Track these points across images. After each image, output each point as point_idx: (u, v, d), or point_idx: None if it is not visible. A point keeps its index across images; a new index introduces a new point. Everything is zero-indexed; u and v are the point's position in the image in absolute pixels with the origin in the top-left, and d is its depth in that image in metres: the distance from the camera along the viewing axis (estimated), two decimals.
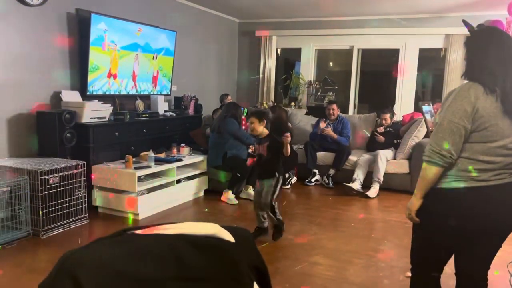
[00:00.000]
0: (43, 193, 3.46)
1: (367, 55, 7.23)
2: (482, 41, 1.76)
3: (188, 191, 4.75)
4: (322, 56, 7.77)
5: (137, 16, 5.10)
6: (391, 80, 7.05)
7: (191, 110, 5.86)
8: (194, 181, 4.83)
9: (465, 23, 1.90)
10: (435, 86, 7.17)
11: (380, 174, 5.13)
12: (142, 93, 5.23)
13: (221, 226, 1.33)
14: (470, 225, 1.74)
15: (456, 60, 6.24)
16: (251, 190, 4.87)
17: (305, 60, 7.44)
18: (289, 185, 5.45)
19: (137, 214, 4.03)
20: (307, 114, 6.70)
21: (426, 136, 5.18)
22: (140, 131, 4.78)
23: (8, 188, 3.37)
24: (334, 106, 5.80)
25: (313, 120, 6.25)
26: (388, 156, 5.29)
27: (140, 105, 5.12)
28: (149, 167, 4.25)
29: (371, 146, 5.66)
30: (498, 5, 5.36)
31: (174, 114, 5.43)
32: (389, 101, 6.86)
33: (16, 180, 3.39)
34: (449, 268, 1.95)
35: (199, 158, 4.97)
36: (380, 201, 4.93)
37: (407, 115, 5.88)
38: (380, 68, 8.03)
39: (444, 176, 1.75)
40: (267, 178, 3.56)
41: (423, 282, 1.97)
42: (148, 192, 4.20)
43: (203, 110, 6.07)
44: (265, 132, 3.59)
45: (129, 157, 4.14)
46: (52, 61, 4.20)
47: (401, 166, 5.25)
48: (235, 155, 4.81)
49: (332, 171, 5.52)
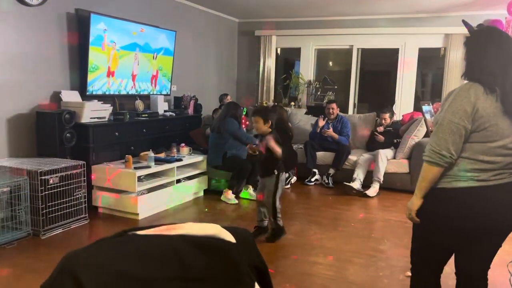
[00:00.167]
0: (43, 193, 3.46)
1: (367, 54, 7.24)
2: (481, 41, 1.76)
3: (188, 191, 4.75)
4: (322, 55, 7.77)
5: (137, 16, 5.10)
6: (390, 80, 7.05)
7: (190, 110, 5.86)
8: (194, 181, 4.83)
9: (465, 23, 1.91)
10: (434, 85, 7.17)
11: (380, 174, 5.13)
12: (141, 93, 5.23)
13: (222, 227, 1.33)
14: (470, 225, 1.74)
15: (455, 59, 6.24)
16: (251, 190, 4.88)
17: (304, 59, 7.44)
18: (289, 185, 5.45)
19: (137, 214, 4.03)
20: (306, 113, 6.70)
21: (426, 135, 5.18)
22: (140, 131, 4.78)
23: (8, 188, 3.37)
24: (334, 105, 5.80)
25: (312, 119, 6.25)
26: (388, 156, 5.29)
27: (139, 105, 5.12)
28: (149, 167, 4.25)
29: (371, 145, 5.67)
30: (497, 4, 5.36)
31: (174, 114, 5.43)
32: (388, 101, 6.86)
33: (16, 180, 3.38)
34: (449, 268, 1.95)
35: (199, 158, 4.97)
36: (380, 201, 4.93)
37: (407, 115, 5.89)
38: (380, 68, 8.03)
39: (444, 176, 1.76)
40: (267, 176, 3.56)
41: (423, 281, 1.97)
42: (148, 192, 4.20)
43: (203, 110, 6.07)
44: (268, 130, 3.54)
45: (129, 157, 4.14)
46: (52, 61, 4.20)
47: (401, 166, 5.25)
48: (235, 155, 4.81)
49: (332, 171, 5.52)
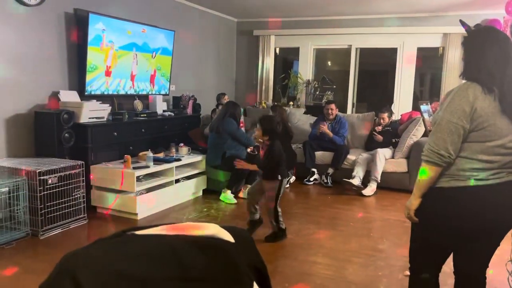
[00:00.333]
0: (42, 193, 3.45)
1: (365, 54, 7.24)
2: (479, 41, 1.77)
3: (186, 190, 4.75)
4: (320, 55, 7.77)
5: (136, 16, 5.09)
6: (389, 79, 7.06)
7: (189, 110, 5.85)
8: (193, 180, 4.83)
9: (462, 23, 1.91)
10: (433, 85, 7.18)
11: (377, 173, 5.14)
12: (140, 92, 5.22)
13: (220, 226, 1.33)
14: (468, 224, 1.75)
15: (454, 59, 6.25)
16: None
17: (303, 59, 7.44)
18: (288, 185, 5.45)
19: (136, 214, 4.03)
20: (305, 113, 6.70)
21: (425, 135, 5.19)
22: (139, 131, 4.78)
23: (7, 189, 3.36)
24: (333, 106, 5.81)
25: (311, 119, 6.25)
26: (386, 155, 5.30)
27: (138, 105, 5.11)
28: (147, 167, 4.24)
29: (370, 145, 5.67)
30: (495, 4, 5.37)
31: (173, 114, 5.43)
32: (387, 100, 6.87)
33: (14, 181, 3.38)
34: (447, 267, 1.96)
35: (197, 158, 4.97)
36: (378, 200, 4.94)
37: (405, 114, 5.89)
38: (378, 67, 8.03)
39: (443, 176, 1.76)
40: (269, 179, 3.55)
41: (421, 281, 1.97)
42: (146, 192, 4.20)
43: (202, 110, 6.07)
44: (266, 141, 3.55)
45: (127, 157, 4.14)
46: (50, 61, 4.19)
47: (400, 165, 5.26)
48: (234, 155, 4.80)
49: (330, 170, 5.52)
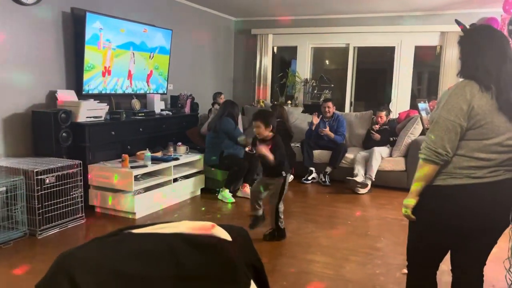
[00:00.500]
0: (39, 193, 3.45)
1: (363, 53, 7.24)
2: (475, 39, 1.77)
3: (185, 190, 4.74)
4: (318, 54, 7.77)
5: (133, 15, 5.08)
6: (387, 78, 7.06)
7: (187, 109, 5.85)
8: (191, 180, 4.83)
9: (458, 22, 1.92)
10: (430, 83, 7.19)
11: (372, 171, 5.14)
12: (138, 92, 5.21)
13: (218, 225, 1.33)
14: (465, 222, 1.75)
15: (451, 57, 6.26)
16: (247, 189, 4.88)
17: (301, 58, 7.44)
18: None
19: (134, 213, 4.03)
20: (303, 112, 6.70)
21: (422, 133, 5.19)
22: (137, 130, 4.77)
23: (4, 188, 3.35)
24: (330, 104, 5.81)
25: (309, 118, 6.24)
26: (383, 154, 5.31)
27: (136, 104, 5.10)
28: (145, 166, 4.24)
29: (367, 143, 5.68)
30: (493, 2, 5.37)
31: (171, 113, 5.42)
32: (385, 99, 6.87)
33: (12, 180, 3.37)
34: (445, 265, 1.96)
35: (195, 157, 4.96)
36: (376, 199, 4.94)
37: (403, 113, 5.90)
38: (376, 66, 8.03)
39: (440, 174, 1.76)
40: (274, 177, 3.50)
41: (419, 278, 1.98)
42: (145, 191, 4.20)
43: (200, 109, 6.06)
44: (270, 135, 3.45)
45: (125, 156, 4.13)
46: (48, 60, 4.18)
47: (397, 164, 5.26)
48: (231, 154, 4.81)
49: (328, 169, 5.53)
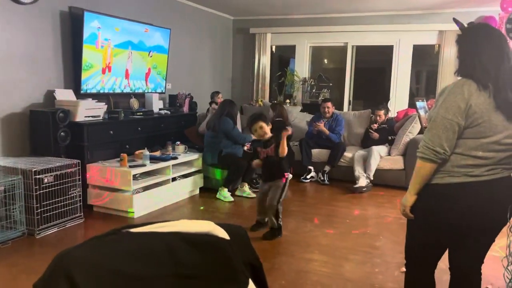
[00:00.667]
0: (38, 192, 3.44)
1: (361, 52, 7.24)
2: (472, 38, 1.77)
3: (183, 189, 4.74)
4: (317, 53, 7.77)
5: (131, 14, 5.07)
6: (385, 77, 7.06)
7: (185, 108, 5.84)
8: (190, 179, 4.82)
9: (456, 21, 1.92)
10: (429, 82, 7.19)
11: (371, 171, 5.15)
12: (136, 91, 5.21)
13: (216, 224, 1.33)
14: (463, 220, 1.75)
15: (449, 56, 6.26)
16: (246, 188, 4.88)
17: (299, 57, 7.44)
18: None
19: (133, 213, 4.03)
20: (302, 111, 6.71)
21: (421, 132, 5.20)
22: (135, 129, 4.76)
23: (2, 188, 3.35)
24: (329, 104, 5.81)
25: (308, 117, 6.25)
26: (382, 153, 5.31)
27: (134, 103, 5.09)
28: (144, 165, 4.24)
29: (366, 142, 5.69)
30: (491, 1, 5.38)
31: (169, 112, 5.41)
32: (383, 98, 6.88)
33: (10, 180, 3.37)
34: (443, 263, 1.96)
35: (194, 156, 4.96)
36: (374, 197, 4.95)
37: (401, 111, 5.91)
38: (375, 65, 8.03)
39: (438, 172, 1.76)
40: (276, 179, 3.54)
41: (417, 277, 1.98)
42: (143, 191, 4.19)
43: (198, 108, 6.06)
44: (269, 133, 3.53)
45: (124, 156, 4.13)
46: (45, 60, 4.17)
47: (396, 162, 5.27)
48: (230, 153, 4.81)
49: (327, 168, 5.53)
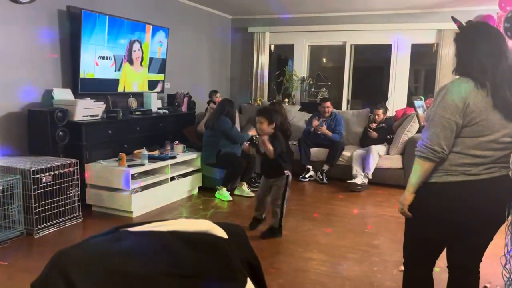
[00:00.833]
0: (36, 192, 3.44)
1: (360, 51, 7.24)
2: (471, 36, 1.77)
3: (182, 188, 4.74)
4: (315, 52, 7.77)
5: (129, 13, 5.06)
6: (383, 76, 7.07)
7: (184, 107, 5.84)
8: (188, 178, 4.82)
9: (454, 19, 1.92)
10: (427, 81, 7.20)
11: (369, 170, 5.16)
12: (134, 90, 5.20)
13: (214, 222, 1.33)
14: (461, 219, 1.76)
15: (448, 55, 6.26)
16: (245, 187, 4.88)
17: (298, 56, 7.43)
18: None
19: (131, 212, 4.02)
20: (300, 110, 6.71)
21: (419, 131, 5.21)
22: (133, 128, 4.76)
23: (0, 187, 3.34)
24: (328, 104, 5.81)
25: (306, 116, 6.26)
26: (381, 152, 5.32)
27: (133, 102, 5.08)
28: (142, 164, 4.23)
29: (364, 141, 5.69)
30: (489, 0, 5.38)
31: (167, 112, 5.41)
32: (382, 97, 6.88)
33: (8, 179, 3.36)
34: (441, 262, 1.97)
35: (192, 156, 4.96)
36: (373, 196, 4.96)
37: (400, 111, 5.91)
38: (373, 64, 8.04)
39: (436, 171, 1.77)
40: (275, 177, 3.53)
41: (416, 275, 1.99)
42: (142, 190, 4.19)
43: (197, 107, 6.05)
44: (272, 132, 3.46)
45: (122, 155, 4.12)
46: (43, 59, 4.17)
47: (394, 161, 5.28)
48: (229, 152, 4.80)
49: (326, 167, 5.54)
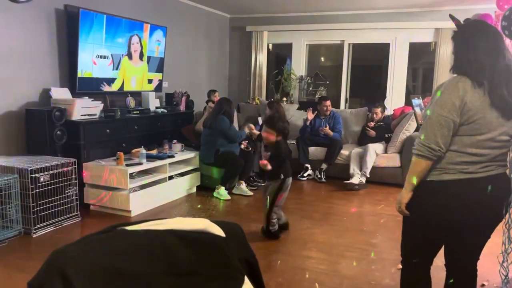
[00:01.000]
0: (34, 191, 3.43)
1: (358, 49, 7.24)
2: (468, 35, 1.77)
3: (180, 187, 4.74)
4: (314, 51, 7.76)
5: (127, 12, 5.05)
6: (382, 75, 7.07)
7: (182, 107, 5.83)
8: (186, 177, 4.82)
9: (452, 18, 1.92)
10: (425, 79, 7.20)
11: (367, 168, 5.16)
12: (132, 89, 5.19)
13: (211, 221, 1.33)
14: (458, 217, 1.76)
15: (446, 53, 6.27)
16: (243, 186, 4.88)
17: (296, 55, 7.43)
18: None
19: (130, 211, 4.02)
20: (298, 109, 6.71)
21: (417, 129, 5.21)
22: (132, 128, 4.75)
23: None
24: (328, 102, 5.81)
25: (304, 115, 6.25)
26: (378, 150, 5.32)
27: (131, 101, 5.08)
28: (141, 164, 4.23)
29: (362, 140, 5.70)
30: None
31: (166, 111, 5.41)
32: (380, 96, 6.89)
33: (6, 179, 3.35)
34: (439, 260, 1.97)
35: (191, 155, 4.96)
36: (371, 195, 4.96)
37: (398, 109, 5.92)
38: (371, 63, 8.04)
39: (433, 169, 1.77)
40: (273, 179, 3.54)
41: (413, 274, 1.99)
42: (140, 189, 4.19)
43: (195, 106, 6.05)
44: (270, 139, 3.49)
45: (120, 154, 4.12)
46: (41, 58, 4.16)
47: (392, 160, 5.28)
48: (227, 151, 4.80)
49: (324, 166, 5.54)
